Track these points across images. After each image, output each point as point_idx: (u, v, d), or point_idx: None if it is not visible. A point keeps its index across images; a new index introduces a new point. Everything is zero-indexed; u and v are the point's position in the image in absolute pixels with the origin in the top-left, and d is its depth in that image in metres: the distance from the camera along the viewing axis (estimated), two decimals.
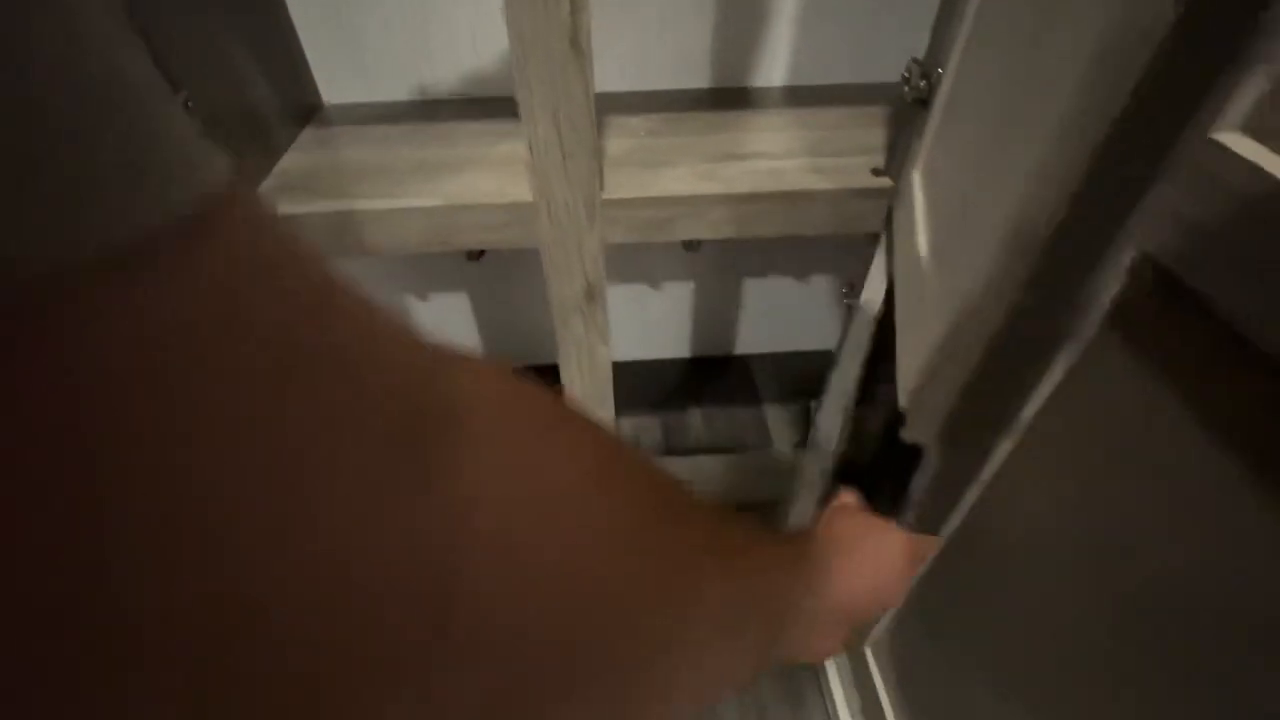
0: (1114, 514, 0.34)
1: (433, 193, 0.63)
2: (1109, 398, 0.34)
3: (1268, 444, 0.25)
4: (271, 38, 0.73)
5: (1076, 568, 0.37)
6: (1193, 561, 0.29)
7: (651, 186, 0.64)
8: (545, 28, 0.48)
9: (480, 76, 0.82)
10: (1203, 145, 0.26)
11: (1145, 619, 0.32)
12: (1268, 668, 0.26)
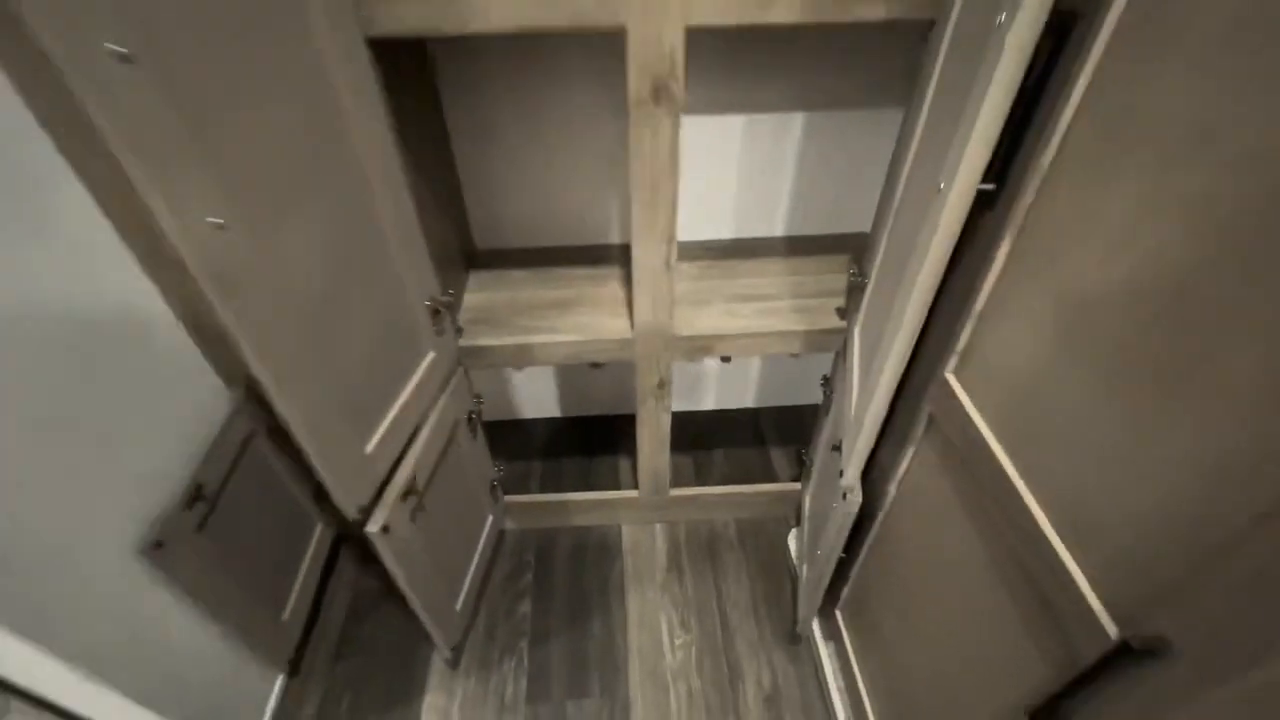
0: (943, 539, 0.74)
1: (570, 328, 1.04)
2: (929, 467, 0.74)
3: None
4: (454, 205, 1.14)
5: (945, 560, 0.77)
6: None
7: (697, 324, 1.05)
8: (650, 231, 0.88)
9: (585, 232, 1.23)
10: (942, 381, 0.66)
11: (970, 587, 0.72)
12: None
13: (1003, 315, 0.58)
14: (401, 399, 0.87)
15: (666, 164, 0.81)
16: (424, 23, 0.68)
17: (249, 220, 0.57)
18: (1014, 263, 0.55)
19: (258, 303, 0.59)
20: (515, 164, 1.12)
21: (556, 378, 1.56)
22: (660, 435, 1.21)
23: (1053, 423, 0.51)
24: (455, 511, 1.12)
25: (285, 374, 0.64)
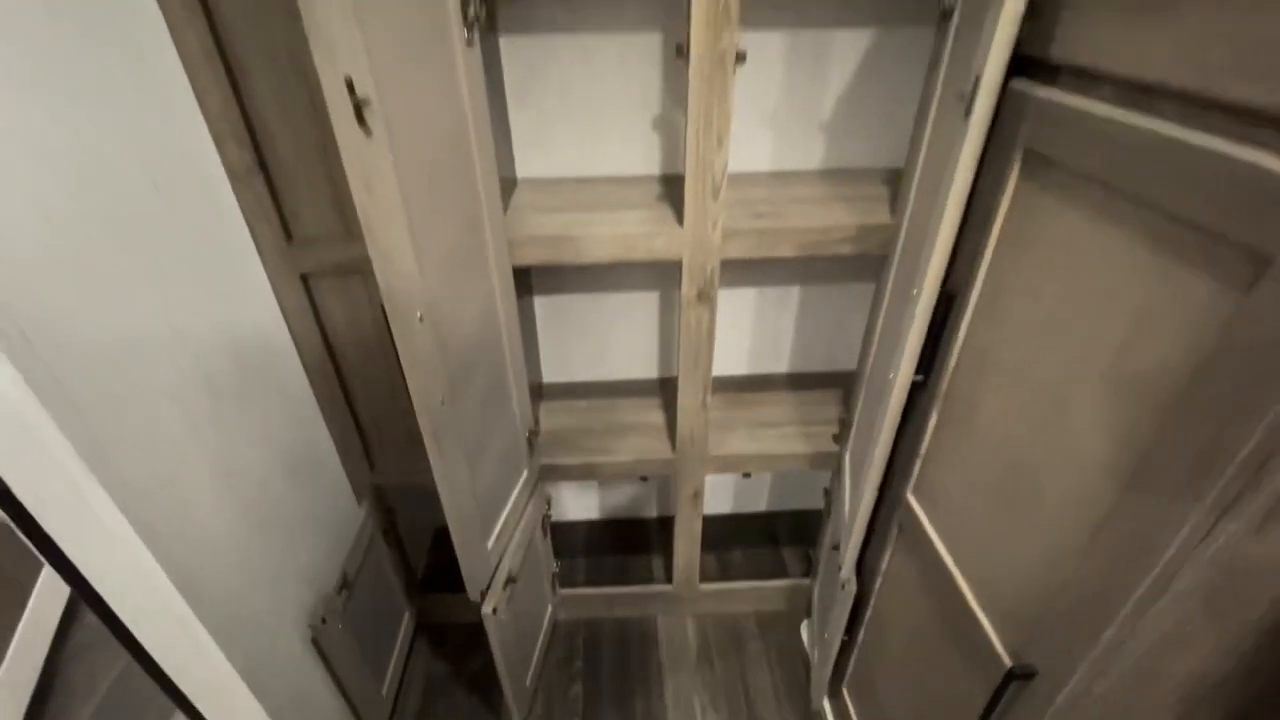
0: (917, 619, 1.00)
1: (625, 450, 1.34)
2: (902, 561, 1.01)
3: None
4: (531, 350, 1.47)
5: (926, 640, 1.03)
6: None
7: (726, 446, 1.35)
8: (691, 382, 1.20)
9: (633, 371, 1.56)
10: (905, 500, 0.96)
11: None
12: None
13: (939, 456, 0.88)
14: (509, 506, 1.16)
15: (705, 339, 1.15)
16: (552, 258, 1.04)
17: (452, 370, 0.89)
18: (940, 426, 0.87)
19: (453, 444, 0.90)
20: (585, 329, 1.48)
21: (599, 486, 1.84)
22: (693, 536, 1.48)
23: (972, 527, 0.80)
24: (530, 600, 1.37)
25: (451, 488, 0.93)
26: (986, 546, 0.77)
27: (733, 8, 0.83)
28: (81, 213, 0.69)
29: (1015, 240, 0.70)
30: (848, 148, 1.26)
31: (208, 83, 0.87)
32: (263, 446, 1.01)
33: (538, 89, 1.16)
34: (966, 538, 0.82)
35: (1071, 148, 0.59)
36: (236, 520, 0.93)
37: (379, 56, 0.63)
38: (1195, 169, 0.47)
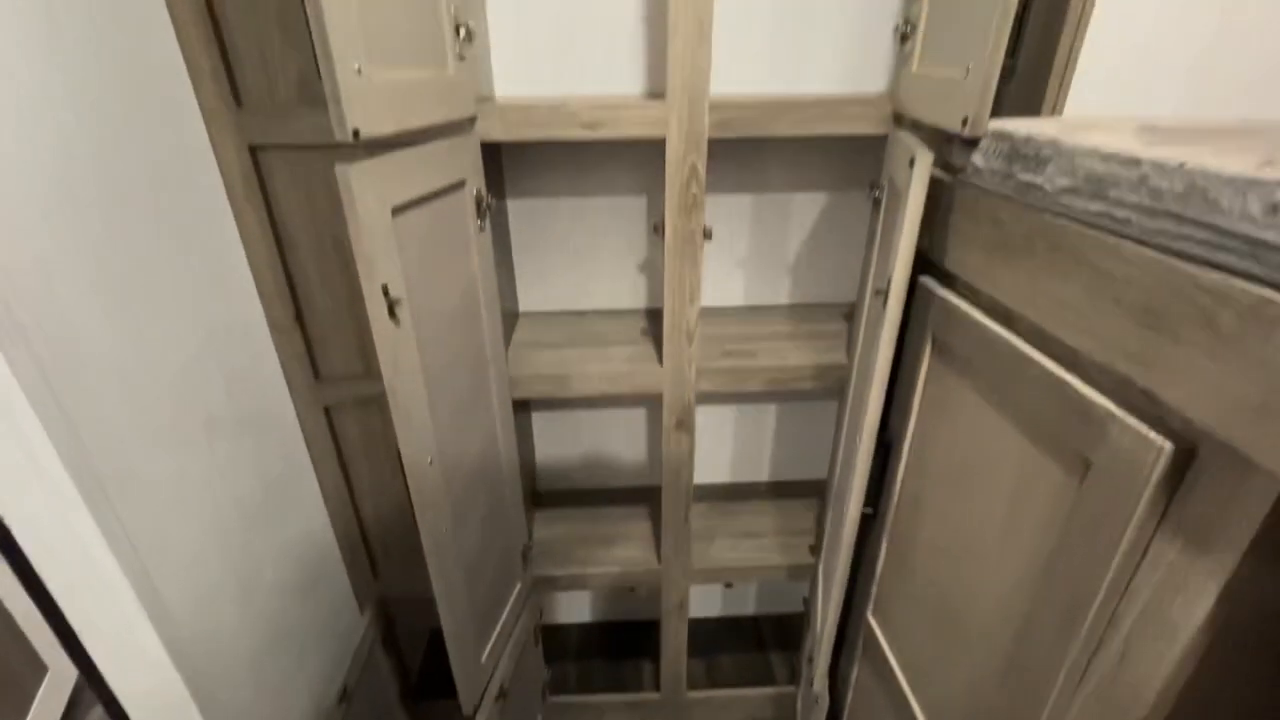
0: None
1: (613, 560, 1.43)
2: (867, 671, 1.08)
3: None
4: (527, 456, 1.58)
5: None
6: None
7: (708, 558, 1.44)
8: (673, 500, 1.30)
9: (623, 478, 1.67)
10: (867, 619, 1.05)
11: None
12: None
13: (891, 582, 0.98)
14: (503, 618, 1.23)
15: (685, 460, 1.26)
16: (548, 393, 1.18)
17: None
18: (889, 554, 0.97)
19: (454, 565, 1.00)
20: (580, 440, 1.60)
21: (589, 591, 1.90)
22: (680, 646, 1.53)
23: (919, 650, 0.89)
24: (521, 711, 1.41)
25: (450, 606, 1.02)
26: (930, 670, 0.86)
27: (700, 198, 1.01)
28: (153, 371, 0.83)
29: (934, 404, 0.83)
30: (809, 286, 1.43)
31: (260, 252, 1.04)
32: (281, 562, 1.11)
33: (539, 239, 1.34)
34: (916, 660, 0.91)
35: (963, 342, 0.74)
36: (255, 636, 1.01)
37: (409, 266, 0.78)
38: (1041, 382, 0.61)
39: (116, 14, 0.78)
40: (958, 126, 0.70)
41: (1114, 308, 0.50)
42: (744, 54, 1.18)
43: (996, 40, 0.64)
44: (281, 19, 0.90)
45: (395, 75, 0.72)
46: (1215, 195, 0.42)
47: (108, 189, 0.76)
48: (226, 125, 0.94)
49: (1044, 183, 0.59)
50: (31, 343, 0.65)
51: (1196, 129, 0.58)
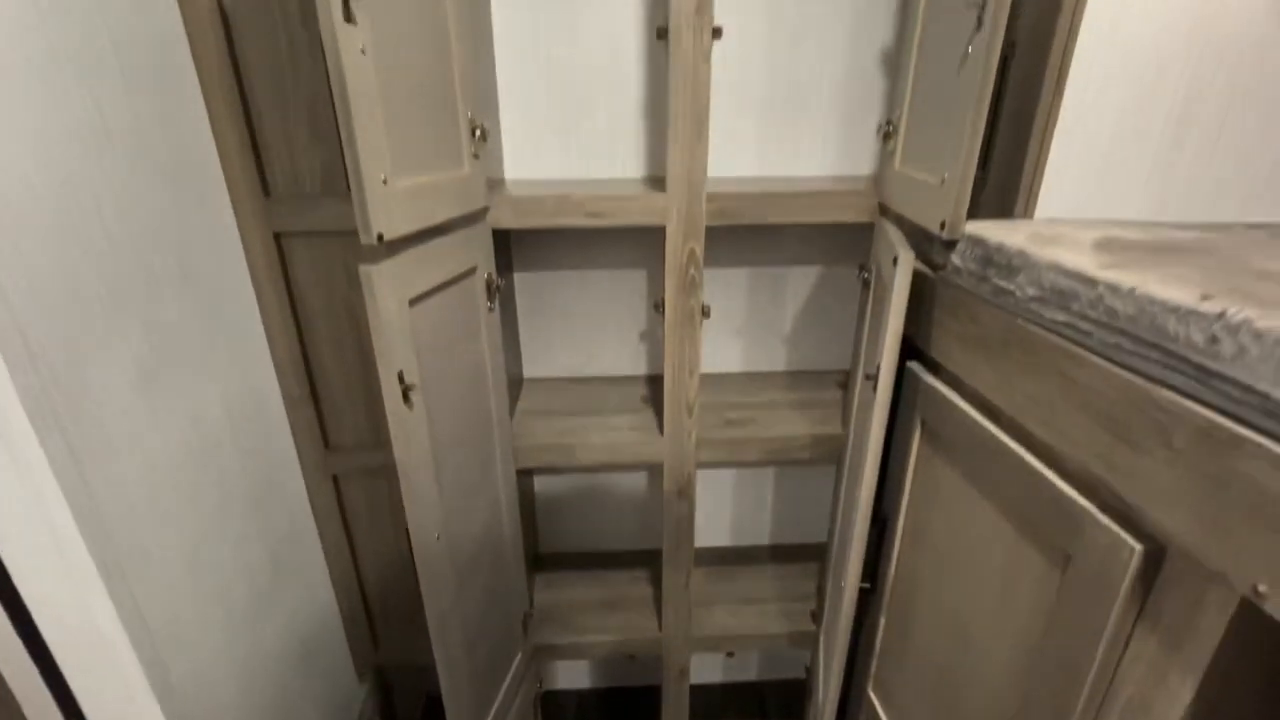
0: None
1: (615, 629, 1.43)
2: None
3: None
4: (528, 520, 1.59)
5: None
6: None
7: (709, 625, 1.43)
8: (674, 566, 1.31)
9: (624, 541, 1.68)
10: (868, 695, 1.05)
11: None
12: None
13: (890, 657, 0.99)
14: (502, 690, 1.23)
15: (686, 530, 1.28)
16: (552, 462, 1.21)
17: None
18: (888, 630, 0.98)
19: (456, 637, 1.00)
20: (582, 504, 1.62)
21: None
22: (680, 712, 1.51)
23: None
24: None
25: (450, 677, 1.02)
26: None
27: (698, 279, 1.07)
28: (175, 448, 0.87)
29: (925, 485, 0.86)
30: (805, 353, 1.47)
31: (278, 328, 1.08)
32: (283, 632, 1.11)
33: (545, 308, 1.40)
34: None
35: (950, 428, 0.78)
36: (255, 709, 1.01)
37: (423, 351, 0.83)
38: (1022, 474, 0.64)
39: (161, 114, 0.85)
40: (937, 229, 0.76)
41: (1083, 412, 0.54)
42: (737, 140, 1.26)
43: (969, 153, 0.70)
44: (310, 118, 0.97)
45: (417, 180, 0.78)
46: (1162, 322, 0.46)
47: (147, 279, 0.81)
48: (254, 213, 1.00)
49: (1015, 290, 0.63)
50: (66, 429, 0.69)
51: (1153, 244, 0.63)
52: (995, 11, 0.65)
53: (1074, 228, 0.72)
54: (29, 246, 0.65)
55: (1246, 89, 0.78)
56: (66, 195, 0.70)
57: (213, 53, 0.91)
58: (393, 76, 0.72)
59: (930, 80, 0.85)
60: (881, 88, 1.23)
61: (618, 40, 1.17)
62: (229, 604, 0.96)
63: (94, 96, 0.74)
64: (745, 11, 1.17)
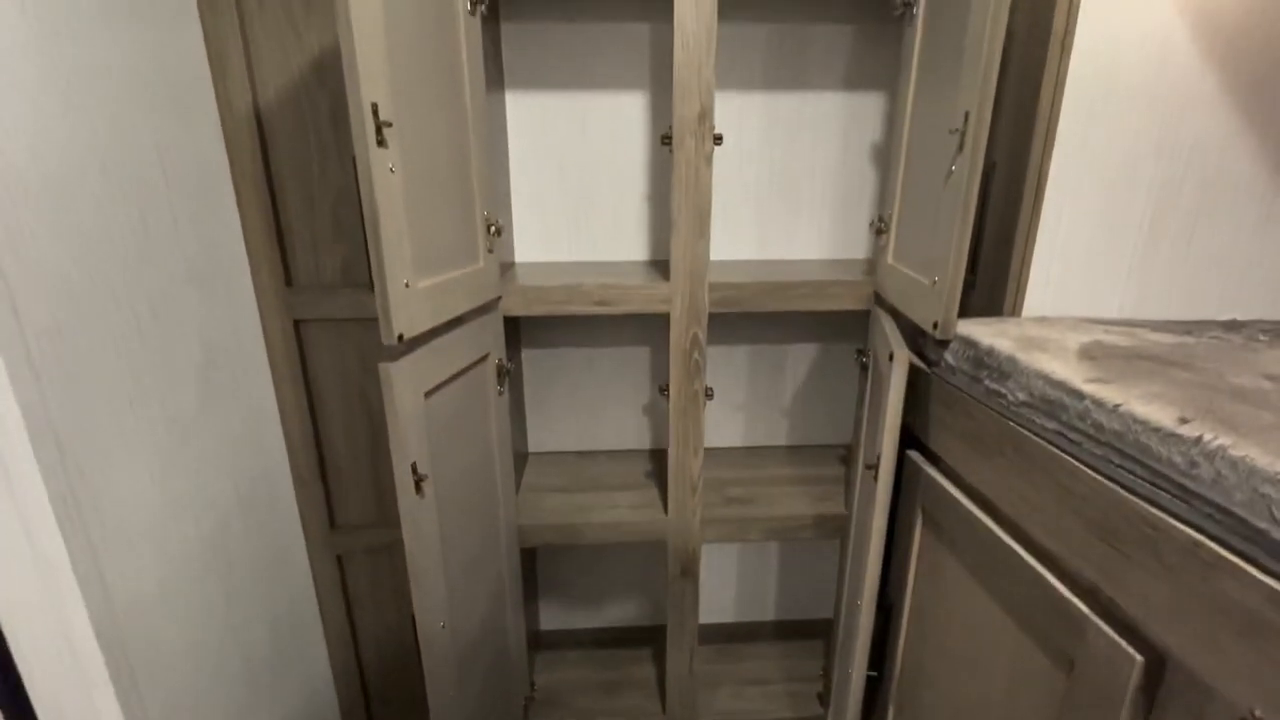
0: None
1: (616, 712, 1.39)
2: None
3: None
4: (530, 585, 1.57)
5: None
6: None
7: (713, 710, 1.40)
8: (677, 646, 1.29)
9: (626, 618, 1.65)
10: None
11: None
12: None
13: None
14: None
15: (690, 609, 1.27)
16: (556, 541, 1.21)
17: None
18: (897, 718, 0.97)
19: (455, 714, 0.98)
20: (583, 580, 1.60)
21: None
22: None
23: None
24: None
25: None
26: None
27: (701, 363, 1.10)
28: (187, 538, 0.87)
29: (929, 574, 0.87)
30: (805, 428, 1.50)
31: (292, 411, 1.11)
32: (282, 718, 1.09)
33: (550, 387, 1.43)
34: None
35: (950, 520, 0.79)
36: None
37: (435, 441, 0.85)
38: (1024, 574, 0.65)
39: (196, 214, 0.90)
40: (930, 328, 0.80)
41: (1079, 520, 0.56)
42: (737, 226, 1.33)
43: (957, 262, 0.75)
44: (334, 213, 1.03)
45: (436, 280, 0.83)
46: (1146, 440, 0.49)
47: (172, 373, 0.84)
48: (276, 302, 1.04)
49: (1007, 394, 0.67)
50: (88, 526, 0.70)
51: (1134, 351, 0.67)
52: (975, 137, 0.70)
53: (1060, 330, 0.76)
54: (67, 351, 0.68)
55: (1216, 191, 0.84)
56: (107, 299, 0.74)
57: (247, 155, 0.97)
58: (418, 187, 0.78)
59: (917, 185, 0.91)
60: (872, 178, 1.31)
61: (623, 139, 1.25)
62: (229, 691, 0.95)
63: (139, 203, 0.79)
64: (744, 110, 1.25)
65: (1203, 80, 0.79)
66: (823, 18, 1.21)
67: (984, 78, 0.68)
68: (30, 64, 0.65)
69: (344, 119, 0.99)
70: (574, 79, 1.21)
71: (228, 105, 0.95)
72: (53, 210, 0.67)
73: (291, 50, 0.95)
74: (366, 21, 0.65)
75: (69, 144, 0.69)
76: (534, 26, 1.17)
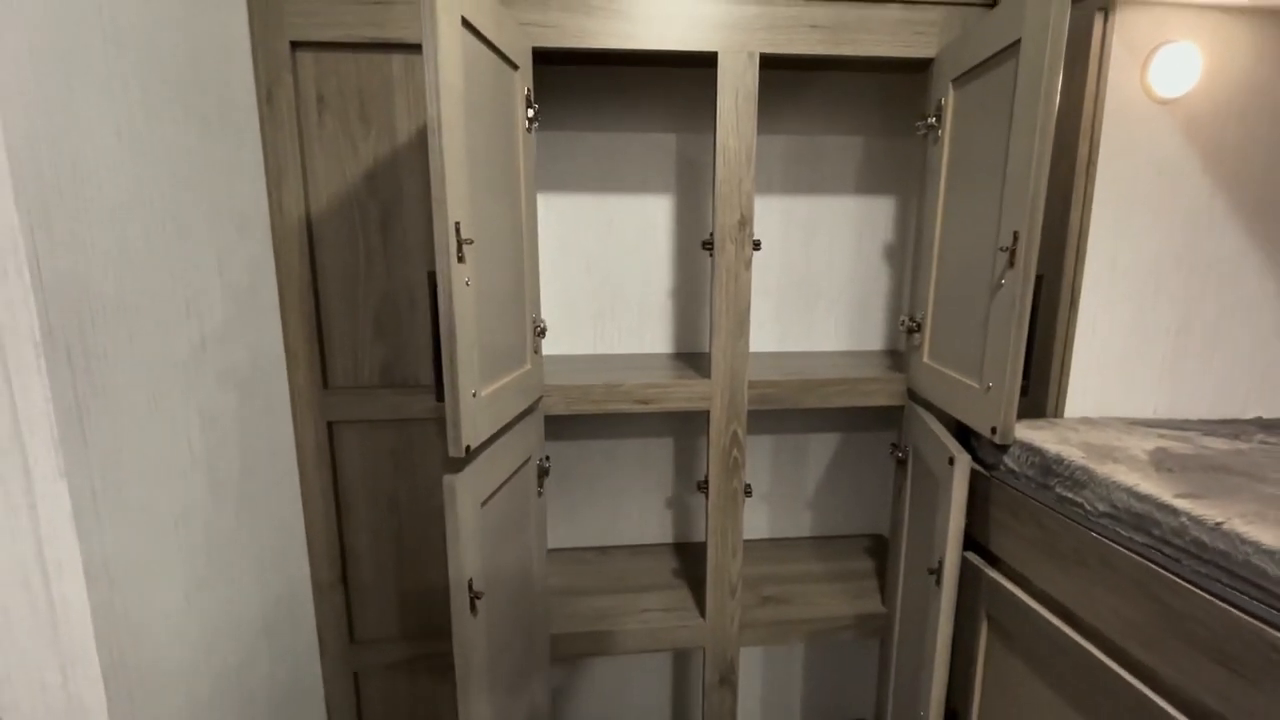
0: None
1: None
2: None
3: None
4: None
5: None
6: None
7: None
8: None
9: None
10: None
11: None
12: None
13: None
14: None
15: (730, 717, 1.20)
16: (592, 650, 1.15)
17: None
18: None
19: None
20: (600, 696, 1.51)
21: None
22: None
23: None
24: None
25: None
26: None
27: (741, 460, 1.10)
28: (215, 661, 0.80)
29: (999, 685, 0.84)
30: (828, 519, 1.48)
31: (318, 515, 1.06)
32: None
33: (571, 481, 1.40)
34: None
35: (1021, 628, 0.78)
36: None
37: (487, 551, 0.82)
38: (1120, 694, 0.64)
39: (244, 324, 0.88)
40: (986, 432, 0.81)
41: (1186, 641, 0.56)
42: (759, 320, 1.36)
43: (1014, 369, 0.77)
44: (377, 318, 1.03)
45: (494, 387, 0.82)
46: (1259, 562, 0.50)
47: (213, 489, 0.80)
48: (311, 403, 1.01)
49: (1084, 503, 0.67)
50: (127, 666, 0.64)
51: (1201, 460, 0.69)
52: (1026, 255, 0.75)
53: (1114, 433, 0.79)
54: (125, 473, 0.64)
55: (1235, 301, 0.90)
56: (164, 421, 0.71)
57: (295, 258, 0.97)
58: (486, 298, 0.78)
59: (953, 290, 0.95)
60: (885, 274, 1.37)
61: (648, 238, 1.29)
62: None
63: (199, 315, 0.78)
64: (763, 214, 1.31)
65: (1213, 201, 0.86)
66: (834, 130, 1.30)
67: (1033, 199, 0.73)
68: (127, 187, 0.65)
69: (392, 226, 1.01)
70: (602, 183, 1.27)
71: (279, 211, 0.96)
72: (130, 333, 0.65)
73: (347, 160, 0.97)
74: (453, 150, 0.68)
75: (144, 263, 0.68)
76: (566, 135, 1.23)
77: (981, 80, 0.87)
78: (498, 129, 0.82)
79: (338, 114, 0.96)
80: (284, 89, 0.92)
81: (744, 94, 0.99)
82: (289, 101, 0.93)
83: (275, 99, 0.92)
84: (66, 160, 0.58)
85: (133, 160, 0.67)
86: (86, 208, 0.60)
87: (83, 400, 0.59)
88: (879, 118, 1.28)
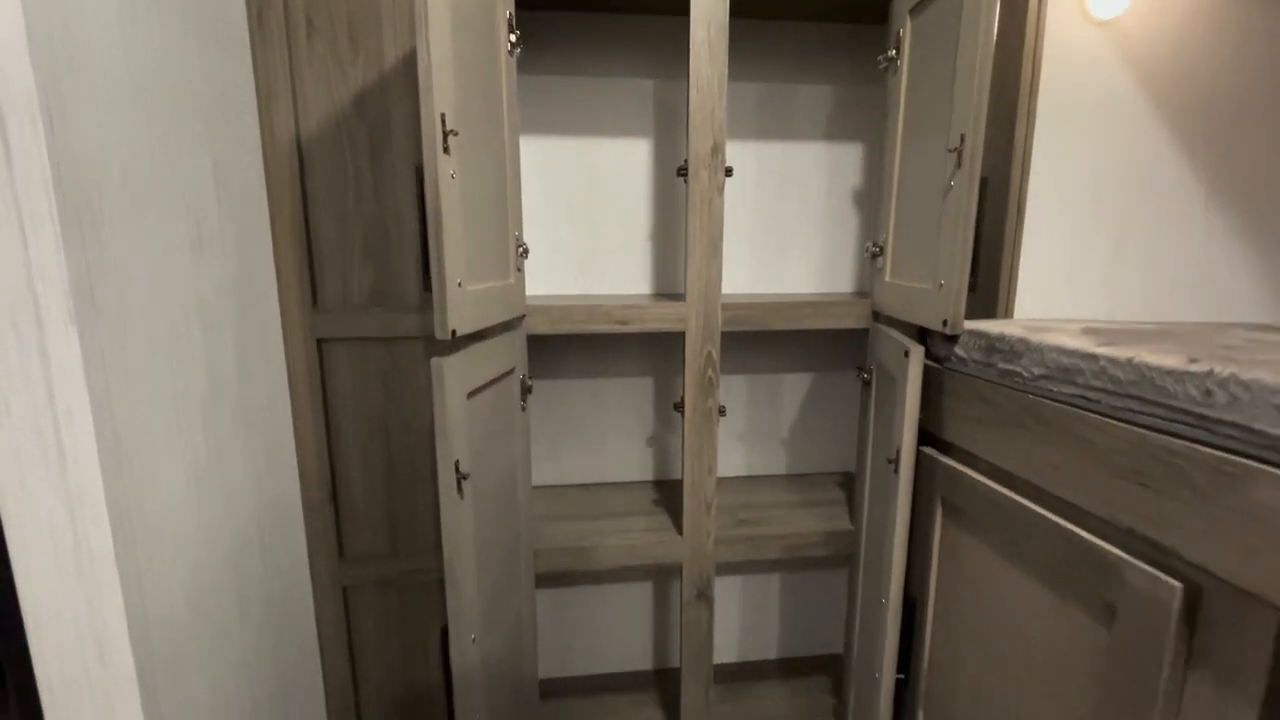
0: None
1: None
2: None
3: None
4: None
5: None
6: None
7: None
8: (691, 680, 1.26)
9: (630, 662, 1.60)
10: None
11: None
12: None
13: None
14: None
15: (705, 637, 1.26)
16: (570, 566, 1.20)
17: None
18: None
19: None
20: (580, 623, 1.56)
21: None
22: None
23: None
24: None
25: None
26: None
27: (715, 380, 1.15)
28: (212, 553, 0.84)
29: (952, 563, 0.91)
30: (803, 456, 1.54)
31: (308, 433, 1.10)
32: None
33: (554, 416, 1.45)
34: None
35: (971, 503, 0.84)
36: None
37: (474, 444, 0.87)
38: (1052, 535, 0.70)
39: (239, 233, 0.92)
40: (939, 325, 0.88)
41: (1107, 471, 0.62)
42: (733, 262, 1.42)
43: (962, 261, 0.84)
44: (366, 241, 1.07)
45: (480, 287, 0.87)
46: (1161, 383, 0.56)
47: (212, 381, 0.84)
48: (300, 322, 1.05)
49: (1022, 370, 0.74)
50: (134, 532, 0.68)
51: (1128, 331, 0.76)
52: (972, 153, 0.81)
53: (1055, 324, 0.85)
54: (132, 346, 0.68)
55: (1170, 215, 0.97)
56: (167, 302, 0.75)
57: (285, 179, 1.01)
58: (470, 197, 0.83)
59: (911, 209, 1.01)
60: (855, 220, 1.43)
61: (629, 180, 1.35)
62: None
63: (197, 217, 0.81)
64: (737, 157, 1.37)
65: (1147, 121, 0.93)
66: (806, 79, 1.36)
67: (976, 102, 0.79)
68: (128, 77, 0.69)
69: (381, 150, 1.05)
70: (583, 126, 1.31)
71: (270, 133, 0.99)
72: (134, 215, 0.69)
73: (335, 83, 1.01)
74: (440, 42, 0.72)
75: (146, 154, 0.72)
76: (548, 80, 1.28)
77: (934, 7, 0.93)
78: (482, 43, 0.87)
79: (326, 38, 1.00)
80: (274, 10, 0.96)
81: (715, 25, 1.04)
82: (279, 23, 0.96)
83: (266, 21, 0.96)
84: (74, 37, 0.62)
85: (134, 53, 0.71)
86: (93, 86, 0.64)
87: (92, 262, 0.62)
88: (847, 65, 1.34)
